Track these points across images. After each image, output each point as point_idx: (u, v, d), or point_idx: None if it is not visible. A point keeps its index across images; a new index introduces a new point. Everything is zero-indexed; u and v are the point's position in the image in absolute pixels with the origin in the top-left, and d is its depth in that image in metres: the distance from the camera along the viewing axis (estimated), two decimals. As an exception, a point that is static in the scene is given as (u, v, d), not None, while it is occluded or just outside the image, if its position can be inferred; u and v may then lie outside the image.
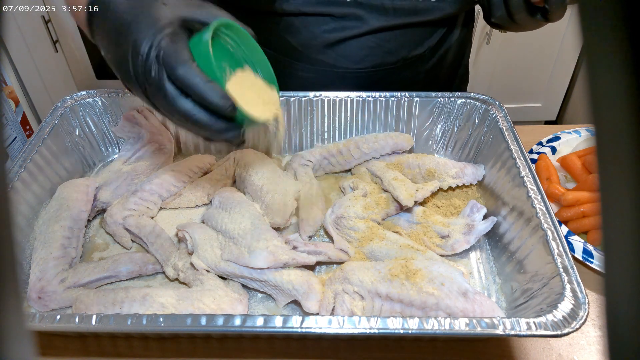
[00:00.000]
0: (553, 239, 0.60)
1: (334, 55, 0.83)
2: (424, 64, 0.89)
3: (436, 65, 0.91)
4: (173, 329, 0.53)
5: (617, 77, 0.14)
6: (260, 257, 0.62)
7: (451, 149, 0.88)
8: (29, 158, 0.73)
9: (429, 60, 0.89)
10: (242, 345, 0.61)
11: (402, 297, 0.58)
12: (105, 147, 0.89)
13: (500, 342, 0.61)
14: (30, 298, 0.63)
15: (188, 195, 0.79)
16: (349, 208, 0.72)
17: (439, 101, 0.85)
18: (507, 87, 2.13)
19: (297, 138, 0.88)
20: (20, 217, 0.70)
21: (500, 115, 0.80)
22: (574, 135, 0.90)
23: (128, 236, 0.72)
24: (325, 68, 0.85)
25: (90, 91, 0.86)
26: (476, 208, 0.73)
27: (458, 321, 0.52)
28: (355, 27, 0.80)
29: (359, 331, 0.52)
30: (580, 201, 0.74)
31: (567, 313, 0.52)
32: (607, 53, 0.14)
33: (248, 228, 0.66)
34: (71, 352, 0.61)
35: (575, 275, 0.56)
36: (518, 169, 0.70)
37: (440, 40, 0.88)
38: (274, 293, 0.64)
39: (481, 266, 0.70)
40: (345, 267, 0.63)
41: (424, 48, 0.87)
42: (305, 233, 0.73)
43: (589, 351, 0.61)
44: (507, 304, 0.64)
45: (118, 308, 0.60)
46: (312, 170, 0.83)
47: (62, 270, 0.65)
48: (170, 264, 0.67)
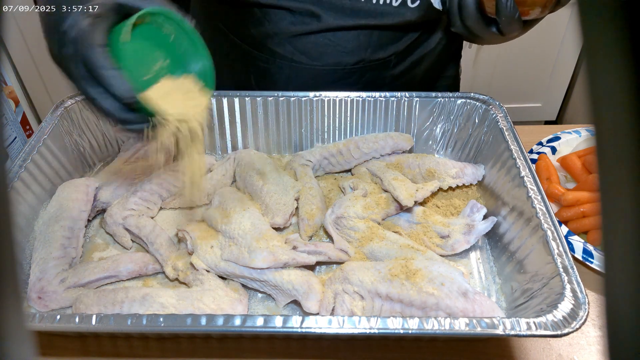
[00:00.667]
0: (553, 239, 0.60)
1: (292, 49, 0.83)
2: (389, 68, 0.87)
3: (406, 71, 0.89)
4: (173, 329, 0.53)
5: (617, 77, 0.14)
6: (260, 257, 0.62)
7: (451, 149, 0.88)
8: (29, 158, 0.73)
9: (395, 65, 0.87)
10: (242, 345, 0.61)
11: (402, 297, 0.58)
12: (105, 147, 0.89)
13: (500, 342, 0.61)
14: (30, 298, 0.63)
15: (188, 195, 0.79)
16: (349, 208, 0.72)
17: (439, 101, 0.85)
18: (507, 87, 2.13)
19: (297, 138, 0.88)
20: (20, 217, 0.70)
21: (500, 115, 0.80)
22: (574, 135, 0.90)
23: (128, 236, 0.72)
24: (283, 61, 0.85)
25: (90, 91, 0.86)
26: (476, 208, 0.73)
27: (458, 321, 0.52)
28: (311, 23, 0.80)
29: (359, 331, 0.52)
30: (580, 201, 0.74)
31: (567, 313, 0.52)
32: (607, 53, 0.14)
33: (248, 228, 0.66)
34: (71, 352, 0.61)
35: (575, 275, 0.56)
36: (518, 169, 0.70)
37: (411, 46, 0.86)
38: (274, 293, 0.64)
39: (481, 266, 0.70)
40: (345, 267, 0.63)
41: (388, 53, 0.85)
42: (305, 233, 0.73)
43: (589, 351, 0.61)
44: (507, 304, 0.64)
45: (118, 308, 0.60)
46: (312, 170, 0.83)
47: (62, 270, 0.65)
48: (170, 264, 0.67)
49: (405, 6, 0.79)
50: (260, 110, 0.86)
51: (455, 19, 0.80)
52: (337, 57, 0.83)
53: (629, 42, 0.14)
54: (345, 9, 0.79)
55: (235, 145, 0.89)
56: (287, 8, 0.79)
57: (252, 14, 0.82)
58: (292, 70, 0.85)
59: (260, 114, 0.86)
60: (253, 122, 0.87)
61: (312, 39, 0.82)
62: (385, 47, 0.84)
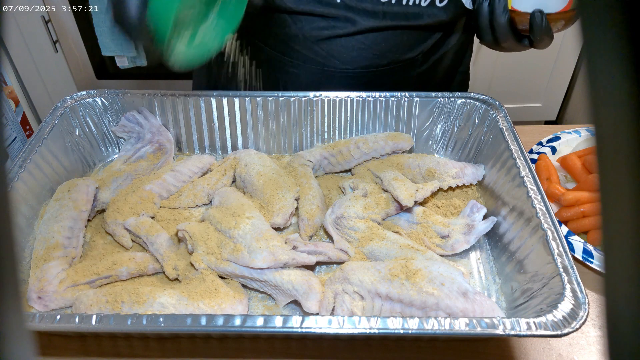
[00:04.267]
0: (553, 239, 0.60)
1: (323, 54, 0.83)
2: (415, 67, 0.89)
3: (429, 69, 0.91)
4: (173, 329, 0.53)
5: (617, 77, 0.14)
6: (260, 257, 0.62)
7: (451, 149, 0.88)
8: (29, 158, 0.73)
9: (421, 64, 0.89)
10: (242, 345, 0.61)
11: (402, 297, 0.58)
12: (105, 147, 0.89)
13: (500, 342, 0.61)
14: (30, 298, 0.63)
15: (188, 195, 0.79)
16: (349, 208, 0.72)
17: (439, 101, 0.85)
18: (507, 87, 2.13)
19: (297, 138, 0.88)
20: (20, 217, 0.70)
21: (500, 115, 0.80)
22: (574, 135, 0.90)
23: (128, 236, 0.72)
24: (314, 66, 0.85)
25: (90, 91, 0.86)
26: (476, 208, 0.73)
27: (458, 321, 0.52)
28: (345, 27, 0.81)
29: (359, 331, 0.52)
30: (580, 201, 0.74)
31: (567, 313, 0.52)
32: (607, 53, 0.14)
33: (248, 228, 0.66)
34: (71, 352, 0.61)
35: (575, 275, 0.56)
36: (518, 169, 0.70)
37: (435, 45, 0.88)
38: (274, 293, 0.64)
39: (481, 266, 0.70)
40: (345, 267, 0.63)
41: (416, 52, 0.86)
42: (305, 233, 0.73)
43: (589, 351, 0.61)
44: (507, 304, 0.64)
45: (118, 308, 0.60)
46: (312, 170, 0.83)
47: (62, 270, 0.65)
48: (170, 264, 0.67)
49: (434, 6, 0.80)
50: (260, 110, 0.86)
51: (486, 34, 0.80)
52: (369, 60, 0.84)
53: (629, 42, 0.14)
54: (377, 13, 0.80)
55: (235, 145, 0.89)
56: (321, 14, 0.80)
57: (282, 20, 0.82)
58: (323, 75, 0.86)
59: (260, 114, 0.86)
60: (253, 122, 0.87)
61: (344, 42, 0.82)
62: (414, 47, 0.85)
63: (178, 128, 0.88)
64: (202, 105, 0.86)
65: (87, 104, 0.85)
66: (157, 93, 0.87)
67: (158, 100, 0.86)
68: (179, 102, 0.86)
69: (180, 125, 0.88)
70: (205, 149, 0.90)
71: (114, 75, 2.00)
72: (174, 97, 0.86)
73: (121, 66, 1.69)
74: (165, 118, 0.88)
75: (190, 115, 0.87)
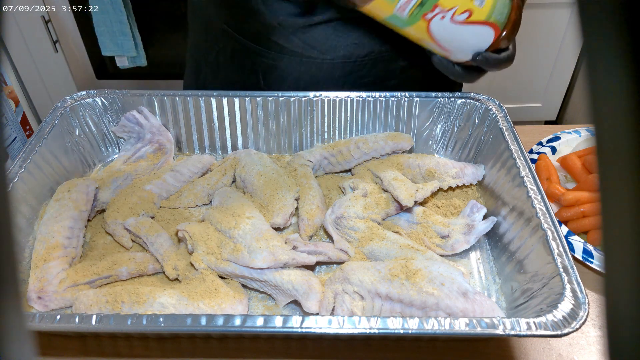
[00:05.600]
0: (553, 239, 0.60)
1: (301, 43, 0.83)
2: (397, 60, 0.87)
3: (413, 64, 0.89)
4: (173, 329, 0.53)
5: (617, 77, 0.14)
6: (260, 257, 0.62)
7: (451, 149, 0.88)
8: (29, 158, 0.73)
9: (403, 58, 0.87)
10: (242, 345, 0.61)
11: (402, 297, 0.58)
12: (105, 147, 0.89)
13: (500, 342, 0.61)
14: (30, 298, 0.63)
15: (188, 195, 0.79)
16: (349, 208, 0.72)
17: (439, 101, 0.85)
18: (507, 87, 2.13)
19: (297, 138, 0.88)
20: (20, 217, 0.70)
21: (500, 115, 0.80)
22: (574, 135, 0.90)
23: (128, 236, 0.72)
24: (293, 57, 0.84)
25: (90, 91, 0.86)
26: (476, 208, 0.73)
27: (458, 321, 0.52)
28: (321, 14, 0.80)
29: (359, 331, 0.52)
30: (580, 201, 0.74)
31: (567, 313, 0.52)
32: (607, 53, 0.14)
33: (248, 228, 0.66)
34: (71, 352, 0.61)
35: (575, 275, 0.56)
36: (518, 169, 0.70)
37: None
38: (274, 293, 0.64)
39: (481, 266, 0.70)
40: (345, 267, 0.63)
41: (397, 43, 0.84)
42: (305, 233, 0.73)
43: (589, 351, 0.61)
44: (507, 304, 0.64)
45: (118, 308, 0.60)
46: (312, 170, 0.83)
47: (62, 270, 0.65)
48: (170, 264, 0.67)
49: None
50: (260, 110, 0.86)
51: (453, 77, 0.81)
52: (347, 49, 0.83)
53: (629, 42, 0.14)
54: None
55: (235, 145, 0.89)
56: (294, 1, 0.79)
57: (255, 9, 0.81)
58: (301, 66, 0.85)
59: (260, 114, 0.86)
60: (253, 122, 0.87)
61: (320, 30, 0.81)
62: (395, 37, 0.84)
63: (178, 128, 0.88)
64: (202, 105, 0.86)
65: (87, 104, 0.85)
66: (157, 93, 0.87)
67: (158, 100, 0.86)
68: (179, 102, 0.86)
69: (180, 125, 0.88)
70: (205, 149, 0.90)
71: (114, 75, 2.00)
72: (174, 97, 0.86)
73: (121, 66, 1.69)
74: (165, 118, 0.88)
75: (190, 115, 0.87)
